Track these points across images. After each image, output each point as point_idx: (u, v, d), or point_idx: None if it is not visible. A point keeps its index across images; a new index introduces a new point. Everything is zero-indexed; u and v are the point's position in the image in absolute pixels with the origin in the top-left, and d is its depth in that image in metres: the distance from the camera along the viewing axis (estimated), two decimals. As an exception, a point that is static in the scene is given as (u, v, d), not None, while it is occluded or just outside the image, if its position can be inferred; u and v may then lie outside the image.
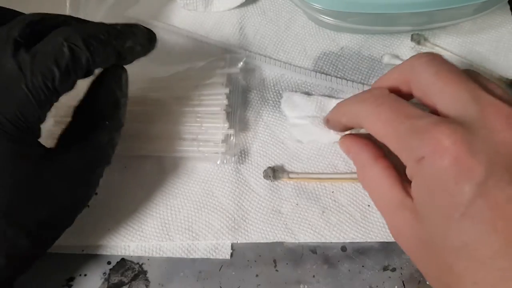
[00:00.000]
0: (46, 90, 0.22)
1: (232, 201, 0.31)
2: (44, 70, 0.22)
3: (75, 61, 0.23)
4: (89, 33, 0.24)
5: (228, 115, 0.32)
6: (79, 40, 0.23)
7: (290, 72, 0.36)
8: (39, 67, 0.22)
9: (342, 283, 0.28)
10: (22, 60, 0.22)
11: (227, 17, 0.39)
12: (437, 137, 0.20)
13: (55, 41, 0.23)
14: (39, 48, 0.23)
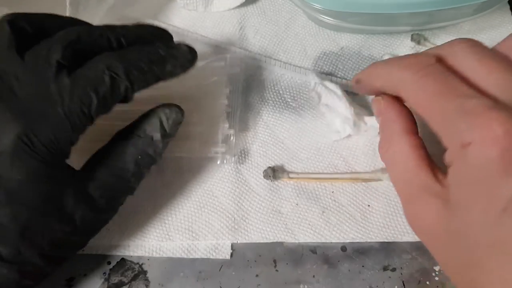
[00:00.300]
0: (82, 115, 0.23)
1: (232, 201, 0.31)
2: (83, 97, 0.23)
3: (114, 89, 0.23)
4: (131, 61, 0.24)
5: (228, 115, 0.32)
6: (120, 69, 0.23)
7: (290, 72, 0.36)
8: (78, 93, 0.23)
9: (342, 283, 0.28)
10: (62, 85, 0.23)
11: (227, 17, 0.39)
12: (489, 124, 0.18)
13: (96, 68, 0.23)
14: (80, 74, 0.23)
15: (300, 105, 0.34)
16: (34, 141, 0.22)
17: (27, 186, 0.22)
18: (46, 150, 0.22)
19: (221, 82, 0.33)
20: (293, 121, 0.34)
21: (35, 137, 0.22)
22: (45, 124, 0.22)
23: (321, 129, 0.33)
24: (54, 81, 0.23)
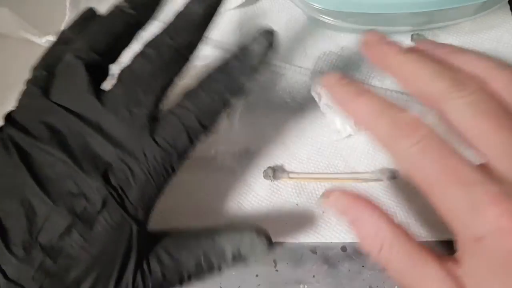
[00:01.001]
0: (165, 173, 0.23)
1: (232, 201, 0.31)
2: (164, 156, 0.23)
3: (192, 141, 0.23)
4: (203, 109, 0.24)
5: (228, 115, 0.32)
6: (195, 121, 0.23)
7: (290, 72, 0.36)
8: (160, 153, 0.22)
9: (342, 283, 0.28)
10: (146, 143, 0.22)
11: (227, 17, 0.39)
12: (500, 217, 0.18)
13: (175, 124, 0.23)
14: (159, 131, 0.23)
15: (300, 105, 0.34)
16: (122, 196, 0.22)
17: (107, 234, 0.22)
18: (132, 206, 0.22)
19: (221, 82, 0.33)
20: (293, 121, 0.34)
21: (123, 192, 0.22)
22: (131, 181, 0.22)
23: (321, 129, 0.33)
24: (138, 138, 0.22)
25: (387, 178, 0.31)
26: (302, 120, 0.34)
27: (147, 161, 0.22)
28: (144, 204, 0.23)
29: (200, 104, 0.24)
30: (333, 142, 0.33)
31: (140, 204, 0.22)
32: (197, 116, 0.23)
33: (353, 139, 0.33)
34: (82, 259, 0.21)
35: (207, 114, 0.24)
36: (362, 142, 0.33)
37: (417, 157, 0.20)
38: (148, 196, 0.23)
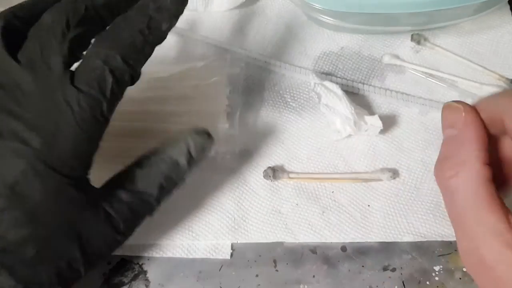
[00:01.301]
0: (95, 122, 0.22)
1: (232, 201, 0.31)
2: (91, 102, 0.21)
3: (118, 82, 0.22)
4: (125, 43, 0.23)
5: (228, 115, 0.32)
6: (118, 59, 0.22)
7: (290, 72, 0.36)
8: (86, 99, 0.21)
9: (342, 283, 0.28)
10: (68, 92, 0.21)
11: (227, 17, 0.39)
12: None
13: (94, 65, 0.22)
14: (81, 77, 0.22)
15: (300, 105, 0.34)
16: (52, 158, 0.21)
17: (46, 207, 0.21)
18: (65, 165, 0.21)
19: (221, 82, 0.33)
20: (293, 121, 0.34)
21: (52, 153, 0.21)
22: (60, 137, 0.21)
23: (321, 129, 0.33)
24: (59, 89, 0.21)
25: (387, 178, 0.31)
26: (302, 120, 0.34)
27: (73, 112, 0.21)
28: (78, 157, 0.22)
29: (121, 41, 0.23)
30: (333, 142, 0.33)
31: (73, 159, 0.21)
32: (120, 54, 0.22)
33: (353, 139, 0.33)
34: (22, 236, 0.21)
35: (131, 51, 0.23)
36: (362, 142, 0.33)
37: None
38: (82, 148, 0.22)
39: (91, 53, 0.23)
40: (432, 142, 0.32)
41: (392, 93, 0.34)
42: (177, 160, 0.25)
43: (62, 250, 0.22)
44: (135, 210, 0.24)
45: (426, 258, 0.29)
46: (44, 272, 0.22)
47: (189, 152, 0.25)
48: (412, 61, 0.36)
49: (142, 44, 0.23)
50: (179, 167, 0.25)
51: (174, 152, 0.25)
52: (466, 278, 0.28)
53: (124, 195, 0.24)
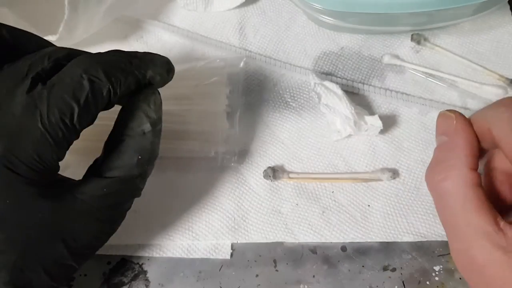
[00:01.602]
0: (64, 127, 0.21)
1: (232, 201, 0.31)
2: (62, 106, 0.21)
3: (95, 94, 0.22)
4: (110, 63, 0.22)
5: (228, 115, 0.32)
6: (100, 71, 0.22)
7: (290, 72, 0.36)
8: (56, 102, 0.21)
9: (342, 283, 0.28)
10: (38, 95, 0.21)
11: (227, 17, 0.39)
12: None
13: (73, 72, 0.21)
14: (56, 81, 0.21)
15: (300, 105, 0.34)
16: (16, 163, 0.20)
17: (18, 209, 0.21)
18: (30, 170, 0.21)
19: (221, 82, 0.33)
20: (293, 121, 0.34)
21: (16, 157, 0.20)
22: (25, 142, 0.20)
23: (321, 129, 0.33)
24: (28, 92, 0.21)
25: (387, 178, 0.31)
26: (302, 120, 0.34)
27: (41, 115, 0.20)
28: (43, 162, 0.21)
29: (106, 59, 0.23)
30: (333, 142, 0.33)
31: (37, 163, 0.21)
32: (103, 68, 0.22)
33: (353, 139, 0.33)
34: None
35: (115, 69, 0.22)
36: (362, 142, 0.33)
37: None
38: (47, 155, 0.21)
39: (73, 62, 0.22)
40: (432, 142, 0.32)
41: (392, 93, 0.34)
42: (142, 129, 0.24)
43: (45, 250, 0.22)
44: (117, 194, 0.24)
45: (426, 258, 0.29)
46: (32, 273, 0.22)
47: (148, 116, 0.24)
48: (412, 61, 0.36)
49: (128, 69, 0.23)
50: (147, 134, 0.24)
51: (135, 124, 0.24)
52: (466, 278, 0.28)
53: (102, 182, 0.23)
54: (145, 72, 0.24)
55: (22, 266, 0.21)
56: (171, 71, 0.26)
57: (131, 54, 0.24)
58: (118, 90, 0.22)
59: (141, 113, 0.24)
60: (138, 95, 0.24)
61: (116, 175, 0.23)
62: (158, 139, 0.25)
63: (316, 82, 0.33)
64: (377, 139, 0.33)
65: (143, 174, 0.24)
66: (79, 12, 0.32)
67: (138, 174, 0.24)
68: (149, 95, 0.24)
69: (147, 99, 0.24)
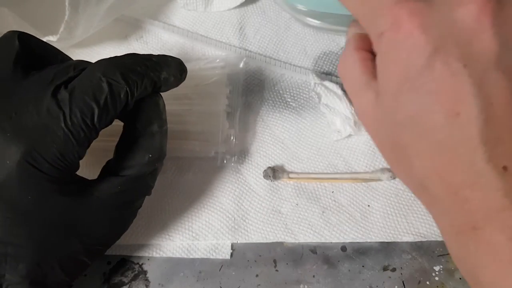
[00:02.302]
0: (85, 127, 0.22)
1: (232, 201, 0.31)
2: (83, 107, 0.22)
3: (113, 96, 0.23)
4: (127, 66, 0.24)
5: (228, 115, 0.32)
6: (117, 74, 0.23)
7: (290, 72, 0.36)
8: (77, 103, 0.22)
9: (342, 283, 0.28)
10: (61, 97, 0.22)
11: (227, 17, 0.39)
12: (396, 12, 0.19)
13: (92, 75, 0.23)
14: (77, 84, 0.23)
15: (300, 105, 0.34)
16: (39, 160, 0.21)
17: (39, 205, 0.22)
18: (53, 168, 0.22)
19: (221, 82, 0.33)
20: (293, 121, 0.34)
21: (40, 155, 0.21)
22: (48, 141, 0.22)
23: (321, 129, 0.33)
24: (52, 95, 0.22)
25: (387, 178, 0.31)
26: (302, 120, 0.34)
27: (64, 116, 0.22)
28: (65, 160, 0.22)
29: (123, 63, 0.24)
30: (333, 142, 0.33)
31: (59, 161, 0.22)
32: (120, 71, 0.23)
33: (353, 139, 0.33)
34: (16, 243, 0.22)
35: (131, 72, 0.24)
36: (362, 142, 0.33)
37: None
38: (69, 153, 0.22)
39: (92, 66, 0.24)
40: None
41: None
42: (151, 130, 0.25)
43: (61, 245, 0.23)
44: (131, 191, 0.25)
45: (426, 258, 0.29)
46: (48, 267, 0.23)
47: (156, 118, 0.26)
48: (412, 61, 0.36)
49: (143, 71, 0.24)
50: (155, 135, 0.25)
51: (145, 125, 0.25)
52: (466, 278, 0.28)
53: (117, 180, 0.24)
54: (160, 74, 0.25)
55: (39, 260, 0.23)
56: (184, 72, 0.27)
57: (146, 57, 0.25)
58: (135, 91, 0.24)
59: (149, 115, 0.25)
60: (145, 99, 0.25)
61: (130, 173, 0.25)
62: (165, 138, 0.26)
63: (316, 82, 0.33)
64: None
65: (153, 172, 0.26)
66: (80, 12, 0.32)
67: (149, 172, 0.25)
68: (155, 99, 0.26)
69: (153, 102, 0.26)
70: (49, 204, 0.22)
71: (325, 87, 0.33)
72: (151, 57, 0.26)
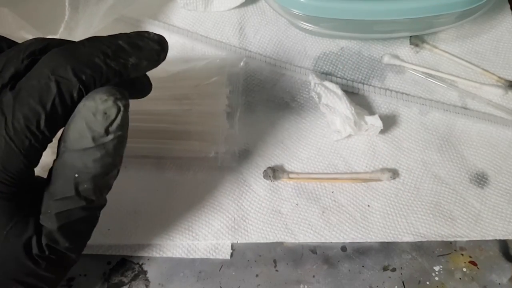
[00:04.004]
0: (30, 134, 0.19)
1: (232, 201, 0.31)
2: (27, 112, 0.19)
3: (63, 97, 0.19)
4: (81, 58, 0.20)
5: (228, 115, 0.32)
6: (69, 70, 0.19)
7: (290, 72, 0.36)
8: (21, 108, 0.19)
9: (342, 283, 0.28)
10: (5, 102, 0.19)
11: (227, 17, 0.39)
12: None
13: (41, 74, 0.19)
14: (23, 85, 0.19)
15: (300, 105, 0.34)
16: None
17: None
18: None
19: (221, 82, 0.33)
20: (293, 121, 0.34)
21: None
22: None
23: (321, 129, 0.33)
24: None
25: (387, 178, 0.31)
26: (302, 120, 0.34)
27: (6, 122, 0.19)
28: (10, 175, 0.19)
29: (77, 54, 0.20)
30: (333, 142, 0.33)
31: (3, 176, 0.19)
32: (72, 65, 0.19)
33: (353, 139, 0.33)
34: None
35: (85, 65, 0.20)
36: (362, 142, 0.33)
37: None
38: (14, 165, 0.19)
39: (42, 61, 0.20)
40: (432, 142, 0.33)
41: (392, 93, 0.34)
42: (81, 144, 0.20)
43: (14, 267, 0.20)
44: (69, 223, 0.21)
45: (426, 258, 0.29)
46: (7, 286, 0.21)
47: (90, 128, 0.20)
48: (412, 61, 0.36)
49: (102, 63, 0.20)
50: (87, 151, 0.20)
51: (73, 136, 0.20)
52: (466, 278, 0.28)
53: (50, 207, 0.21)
54: (126, 61, 0.21)
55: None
56: (162, 52, 0.22)
57: (109, 42, 0.21)
58: (92, 87, 0.20)
59: (82, 123, 0.20)
60: (86, 96, 0.20)
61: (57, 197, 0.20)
62: (109, 157, 0.20)
63: (316, 82, 0.33)
64: (377, 139, 0.33)
65: (87, 196, 0.21)
66: (80, 12, 0.32)
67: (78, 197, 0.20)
68: (97, 100, 0.20)
69: (92, 105, 0.20)
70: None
71: (325, 87, 0.33)
72: (117, 40, 0.21)
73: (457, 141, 0.33)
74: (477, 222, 0.30)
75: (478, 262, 0.29)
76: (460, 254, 0.29)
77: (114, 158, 0.21)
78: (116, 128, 0.20)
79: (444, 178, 0.31)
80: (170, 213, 0.30)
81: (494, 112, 0.34)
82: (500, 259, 0.29)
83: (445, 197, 0.30)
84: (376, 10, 0.32)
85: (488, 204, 0.30)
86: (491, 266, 0.29)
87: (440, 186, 0.31)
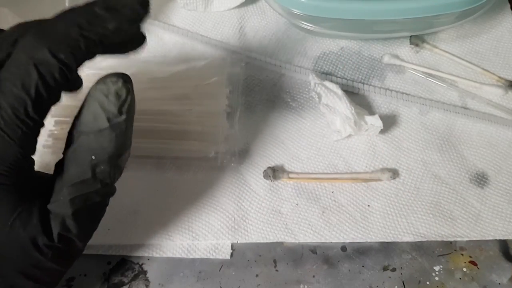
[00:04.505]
0: (21, 123, 0.19)
1: (232, 201, 0.31)
2: (13, 101, 0.19)
3: (45, 80, 0.19)
4: (56, 36, 0.19)
5: (228, 115, 0.32)
6: (45, 52, 0.19)
7: (290, 72, 0.36)
8: (7, 99, 0.19)
9: (342, 283, 0.28)
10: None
11: (227, 17, 0.39)
12: None
13: (19, 60, 0.19)
14: (5, 75, 0.19)
15: (300, 105, 0.34)
16: None
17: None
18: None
19: (221, 82, 0.33)
20: (293, 121, 0.34)
21: None
22: None
23: (321, 129, 0.33)
24: None
25: (387, 178, 0.31)
26: (302, 120, 0.34)
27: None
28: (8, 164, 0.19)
29: (51, 32, 0.20)
30: (333, 142, 0.33)
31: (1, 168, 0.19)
32: (48, 46, 0.19)
33: (353, 139, 0.33)
34: None
35: (62, 44, 0.19)
36: (362, 142, 0.33)
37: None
38: (10, 154, 0.19)
39: (19, 47, 0.20)
40: (432, 142, 0.33)
41: (392, 93, 0.34)
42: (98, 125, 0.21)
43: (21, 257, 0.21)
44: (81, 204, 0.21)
45: (426, 258, 0.29)
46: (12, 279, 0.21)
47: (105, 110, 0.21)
48: (412, 61, 0.36)
49: (80, 38, 0.20)
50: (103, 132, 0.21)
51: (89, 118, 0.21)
52: (466, 278, 0.28)
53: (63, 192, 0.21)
54: (105, 30, 0.20)
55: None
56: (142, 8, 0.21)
57: (85, 10, 0.20)
58: (73, 65, 0.20)
59: (96, 105, 0.20)
60: (97, 81, 0.21)
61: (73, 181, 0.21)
62: (123, 137, 0.21)
63: (316, 82, 0.33)
64: (377, 139, 0.33)
65: (103, 175, 0.21)
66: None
67: (94, 179, 0.21)
68: (108, 83, 0.20)
69: (104, 88, 0.20)
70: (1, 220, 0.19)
71: (325, 87, 0.33)
72: (92, 7, 0.20)
73: (457, 141, 0.33)
74: (477, 222, 0.30)
75: (478, 262, 0.29)
76: (460, 254, 0.29)
77: (127, 138, 0.22)
78: (127, 107, 0.21)
79: (444, 178, 0.31)
80: (170, 213, 0.30)
81: (494, 112, 0.34)
82: (500, 259, 0.29)
83: (445, 197, 0.30)
84: (376, 10, 0.32)
85: (488, 204, 0.30)
86: (491, 266, 0.29)
87: (440, 186, 0.31)
